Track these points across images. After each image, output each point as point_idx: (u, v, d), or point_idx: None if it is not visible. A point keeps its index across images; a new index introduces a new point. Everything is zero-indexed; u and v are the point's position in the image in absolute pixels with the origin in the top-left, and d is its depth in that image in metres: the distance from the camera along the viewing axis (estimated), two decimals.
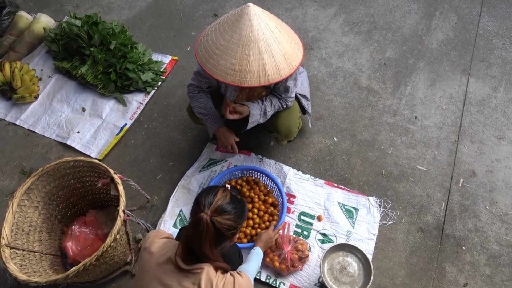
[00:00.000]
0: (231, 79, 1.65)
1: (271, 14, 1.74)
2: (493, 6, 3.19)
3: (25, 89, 2.77)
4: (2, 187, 2.45)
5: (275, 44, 1.64)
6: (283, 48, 1.67)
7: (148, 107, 2.75)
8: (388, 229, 2.17)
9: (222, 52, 1.65)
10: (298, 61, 1.72)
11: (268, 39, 1.63)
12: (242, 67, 1.63)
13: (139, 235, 2.18)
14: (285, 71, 1.67)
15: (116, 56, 2.72)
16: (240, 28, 1.62)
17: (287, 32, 1.73)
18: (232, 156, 2.44)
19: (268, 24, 1.64)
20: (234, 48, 1.63)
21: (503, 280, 2.00)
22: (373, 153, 2.45)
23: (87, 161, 1.91)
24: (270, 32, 1.63)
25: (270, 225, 2.07)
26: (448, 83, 2.76)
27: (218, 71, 1.67)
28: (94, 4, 3.44)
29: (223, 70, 1.65)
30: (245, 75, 1.63)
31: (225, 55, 1.65)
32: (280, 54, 1.65)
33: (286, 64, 1.67)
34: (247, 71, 1.62)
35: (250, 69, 1.62)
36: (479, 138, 2.49)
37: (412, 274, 2.03)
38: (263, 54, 1.61)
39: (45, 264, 1.92)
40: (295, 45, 1.74)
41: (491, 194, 2.28)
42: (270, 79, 1.64)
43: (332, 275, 1.90)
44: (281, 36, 1.67)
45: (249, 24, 1.61)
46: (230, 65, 1.64)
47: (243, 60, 1.62)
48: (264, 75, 1.63)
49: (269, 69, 1.63)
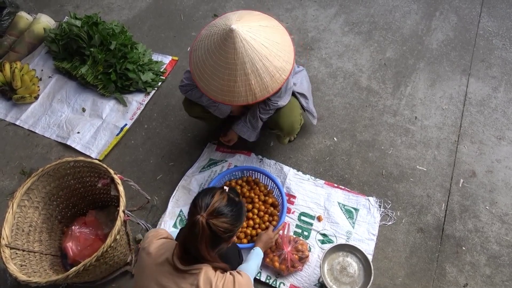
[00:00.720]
0: (221, 99, 1.74)
1: (258, 24, 1.72)
2: (493, 7, 3.19)
3: (25, 89, 2.77)
4: (2, 187, 2.45)
5: (262, 64, 1.67)
6: (271, 65, 1.69)
7: (148, 107, 2.75)
8: (388, 229, 2.17)
9: (211, 73, 1.71)
10: (287, 73, 1.74)
11: (253, 60, 1.65)
12: (230, 88, 1.69)
13: (139, 235, 2.18)
14: (274, 86, 1.72)
15: (116, 56, 2.72)
16: (225, 52, 1.65)
17: (275, 45, 1.72)
18: (232, 157, 2.44)
19: (253, 46, 1.65)
20: (221, 71, 1.68)
21: (503, 280, 2.00)
22: (373, 153, 2.46)
23: (87, 161, 1.91)
24: (256, 52, 1.65)
25: (270, 226, 2.06)
26: (448, 83, 2.76)
27: (210, 90, 1.74)
28: (94, 5, 3.44)
29: (214, 90, 1.73)
30: (233, 95, 1.70)
31: (214, 76, 1.70)
32: (267, 72, 1.68)
33: (274, 80, 1.71)
34: (234, 92, 1.69)
35: (237, 89, 1.68)
36: (479, 138, 2.49)
37: (412, 275, 2.03)
38: (248, 76, 1.66)
39: (45, 265, 1.93)
40: (285, 56, 1.74)
41: (491, 194, 2.27)
42: (258, 97, 1.71)
43: (332, 275, 1.90)
44: (269, 53, 1.68)
45: (233, 48, 1.63)
46: (218, 85, 1.71)
47: (230, 82, 1.68)
48: (251, 94, 1.69)
49: (256, 88, 1.69)
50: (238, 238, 2.09)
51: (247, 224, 2.12)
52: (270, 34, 1.74)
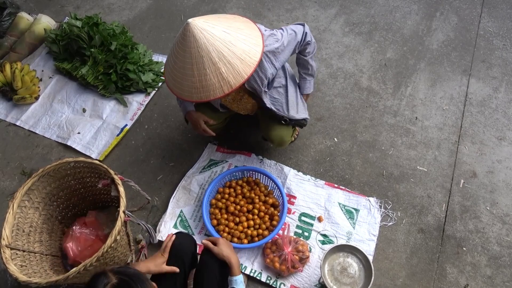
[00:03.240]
0: (197, 97, 1.67)
1: (215, 16, 1.70)
2: (494, 7, 3.19)
3: (25, 90, 2.77)
4: (2, 188, 2.45)
5: (228, 49, 1.62)
6: (239, 50, 1.64)
7: (149, 108, 2.76)
8: (388, 230, 2.17)
9: (181, 74, 1.67)
10: (258, 55, 1.68)
11: (218, 47, 1.60)
12: (202, 83, 1.64)
13: (140, 236, 2.18)
14: (247, 71, 1.65)
15: (117, 57, 2.72)
16: (188, 47, 1.61)
17: (239, 30, 1.69)
18: (232, 157, 2.44)
19: (214, 34, 1.61)
20: (189, 67, 1.63)
21: (504, 281, 2.00)
22: (374, 153, 2.45)
23: (87, 162, 1.91)
24: (219, 40, 1.61)
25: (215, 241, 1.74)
26: (448, 84, 2.76)
27: (184, 92, 1.70)
28: (95, 5, 3.44)
29: (187, 90, 1.68)
30: (207, 89, 1.65)
31: (185, 76, 1.66)
32: (236, 57, 1.63)
33: (245, 64, 1.65)
34: (208, 86, 1.64)
35: (210, 82, 1.63)
36: (480, 138, 2.49)
37: (413, 275, 2.03)
38: (217, 64, 1.61)
39: (45, 265, 1.92)
40: (252, 39, 1.70)
41: (492, 195, 2.27)
42: (233, 84, 1.64)
43: (332, 276, 1.89)
44: (233, 38, 1.64)
45: (194, 40, 1.59)
46: (191, 84, 1.66)
47: (201, 76, 1.63)
48: (225, 83, 1.64)
49: (229, 76, 1.63)
50: (238, 238, 2.09)
51: (248, 225, 2.12)
52: (231, 22, 1.70)
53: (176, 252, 1.69)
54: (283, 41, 1.88)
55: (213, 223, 2.16)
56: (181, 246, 1.71)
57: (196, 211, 2.26)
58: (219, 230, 2.13)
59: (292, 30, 1.94)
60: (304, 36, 1.98)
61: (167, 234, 2.15)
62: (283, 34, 1.90)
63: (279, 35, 1.88)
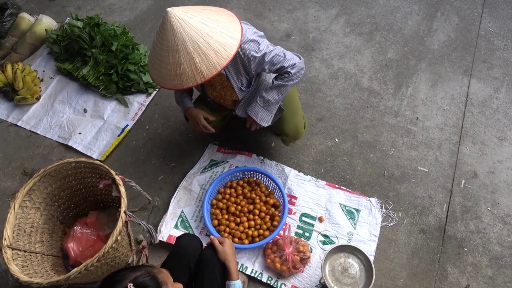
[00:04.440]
0: (171, 84, 1.70)
1: (197, 8, 1.71)
2: (495, 7, 3.19)
3: (27, 90, 2.78)
4: (4, 188, 2.45)
5: (203, 40, 1.63)
6: (214, 41, 1.65)
7: (150, 108, 2.76)
8: (389, 230, 2.16)
9: (159, 61, 1.69)
10: (234, 49, 1.68)
11: (193, 37, 1.62)
12: (176, 71, 1.67)
13: (141, 236, 2.18)
14: (221, 63, 1.66)
15: (118, 57, 2.72)
16: (165, 35, 1.63)
17: (217, 22, 1.69)
18: (233, 157, 2.44)
19: (191, 24, 1.62)
20: (165, 55, 1.66)
21: (505, 281, 2.00)
22: (375, 154, 2.45)
23: (88, 162, 1.91)
24: (195, 30, 1.62)
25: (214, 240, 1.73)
26: (449, 84, 2.76)
27: (160, 79, 1.73)
28: (96, 6, 3.44)
29: (164, 77, 1.71)
30: (181, 78, 1.67)
31: (161, 63, 1.69)
32: (211, 49, 1.64)
33: (219, 56, 1.66)
34: (182, 74, 1.66)
35: (184, 71, 1.65)
36: (481, 139, 2.49)
37: (414, 276, 2.03)
38: (191, 54, 1.63)
39: (46, 265, 1.92)
40: (230, 32, 1.70)
41: (493, 195, 2.27)
42: (206, 75, 1.65)
43: (333, 276, 1.89)
44: (210, 30, 1.65)
45: (171, 29, 1.61)
46: (167, 71, 1.69)
47: (175, 65, 1.66)
48: (198, 73, 1.65)
49: (202, 66, 1.65)
50: (239, 239, 2.09)
51: (249, 225, 2.12)
52: (212, 14, 1.72)
53: (182, 253, 1.66)
54: (263, 55, 1.84)
55: (214, 224, 2.16)
56: (187, 248, 1.67)
57: (197, 212, 2.26)
58: (220, 231, 2.13)
59: (283, 53, 1.87)
60: (292, 67, 1.89)
61: (168, 234, 2.15)
62: (270, 49, 1.85)
63: (264, 47, 1.84)
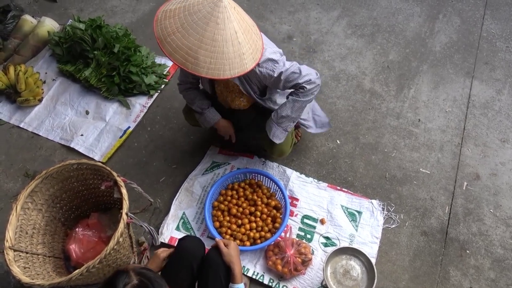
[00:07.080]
0: (192, 68, 1.61)
1: (241, 10, 1.71)
2: (497, 9, 3.18)
3: (29, 92, 2.79)
4: (6, 190, 2.46)
5: (252, 30, 1.68)
6: (246, 46, 1.66)
7: (151, 110, 2.76)
8: (391, 232, 2.16)
9: (198, 47, 1.59)
10: (252, 63, 1.68)
11: (242, 27, 1.63)
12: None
13: (142, 238, 2.18)
14: (235, 71, 1.64)
15: (120, 59, 2.73)
16: (215, 22, 1.57)
17: (251, 30, 1.71)
18: (235, 159, 2.44)
19: (244, 18, 1.66)
20: (208, 41, 1.58)
21: (508, 284, 1.99)
22: (377, 156, 2.45)
23: (90, 163, 1.92)
24: (245, 19, 1.66)
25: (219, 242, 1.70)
26: (451, 86, 2.75)
27: (178, 55, 1.62)
28: (98, 8, 3.46)
29: (183, 56, 1.61)
30: (197, 65, 1.60)
31: (200, 49, 1.60)
32: (247, 47, 1.66)
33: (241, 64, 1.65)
34: (198, 62, 1.60)
35: (201, 60, 1.59)
36: (483, 141, 2.48)
37: (416, 278, 2.02)
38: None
39: (48, 267, 1.93)
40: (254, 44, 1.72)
41: (495, 197, 2.26)
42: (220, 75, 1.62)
43: (335, 278, 1.89)
44: (250, 28, 1.69)
45: (226, 17, 1.57)
46: (195, 53, 1.60)
47: (211, 52, 1.59)
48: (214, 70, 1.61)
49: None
50: (241, 240, 2.09)
51: (250, 227, 2.12)
52: (247, 20, 1.73)
53: (184, 255, 1.65)
54: (279, 73, 1.82)
55: (216, 225, 2.16)
56: (189, 250, 1.66)
57: (198, 213, 2.26)
58: (221, 232, 2.13)
59: (298, 69, 1.85)
60: (308, 83, 1.88)
61: (169, 236, 2.15)
62: (286, 67, 1.83)
63: (281, 66, 1.82)
